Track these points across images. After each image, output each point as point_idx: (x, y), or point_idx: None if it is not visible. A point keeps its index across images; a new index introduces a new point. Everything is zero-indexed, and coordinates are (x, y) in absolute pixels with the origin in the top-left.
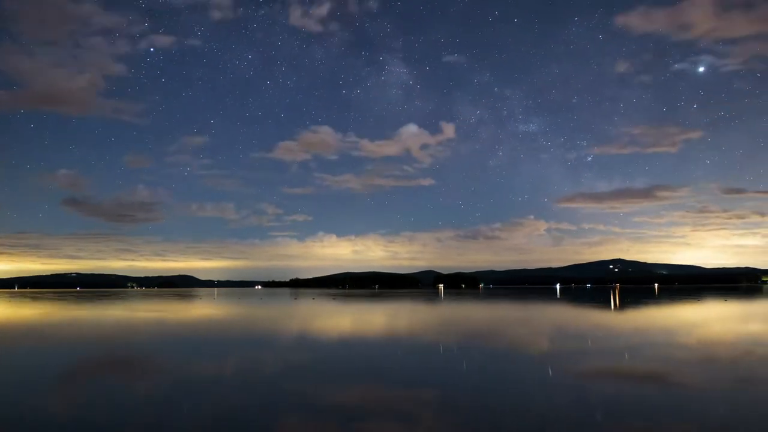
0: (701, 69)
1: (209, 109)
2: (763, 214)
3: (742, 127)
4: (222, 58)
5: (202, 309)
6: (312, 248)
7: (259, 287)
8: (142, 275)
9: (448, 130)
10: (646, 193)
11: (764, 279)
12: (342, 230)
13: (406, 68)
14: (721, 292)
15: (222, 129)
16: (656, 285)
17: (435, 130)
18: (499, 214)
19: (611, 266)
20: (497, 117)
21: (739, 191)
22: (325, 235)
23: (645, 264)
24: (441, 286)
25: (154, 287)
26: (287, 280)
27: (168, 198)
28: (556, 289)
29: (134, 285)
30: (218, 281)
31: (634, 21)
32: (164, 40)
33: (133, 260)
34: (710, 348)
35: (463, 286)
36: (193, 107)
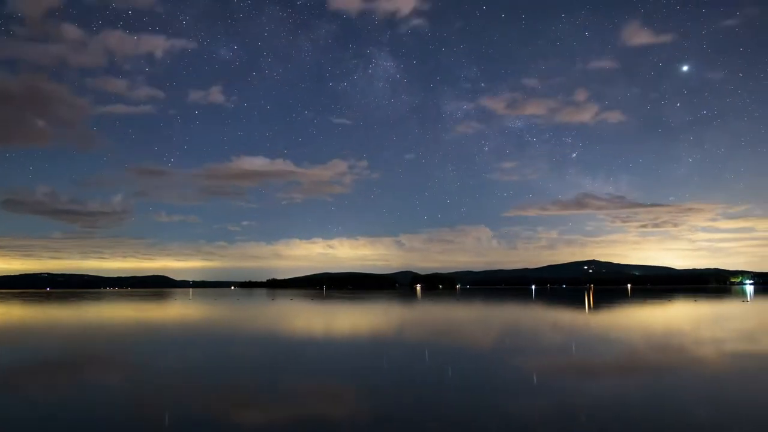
0: (685, 68)
1: None
2: (729, 218)
3: (724, 127)
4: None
5: (175, 309)
6: (289, 248)
7: (234, 287)
8: (116, 276)
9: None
10: (620, 196)
11: (732, 280)
12: (321, 229)
13: (394, 62)
14: (691, 293)
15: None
16: (629, 286)
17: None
18: (480, 214)
19: (586, 267)
20: (483, 112)
21: (713, 193)
22: (303, 234)
23: (618, 265)
24: (418, 286)
25: (127, 287)
26: (264, 280)
27: (143, 198)
28: (531, 290)
29: (110, 287)
30: (193, 281)
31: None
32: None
33: (105, 260)
34: (674, 347)
35: (440, 286)
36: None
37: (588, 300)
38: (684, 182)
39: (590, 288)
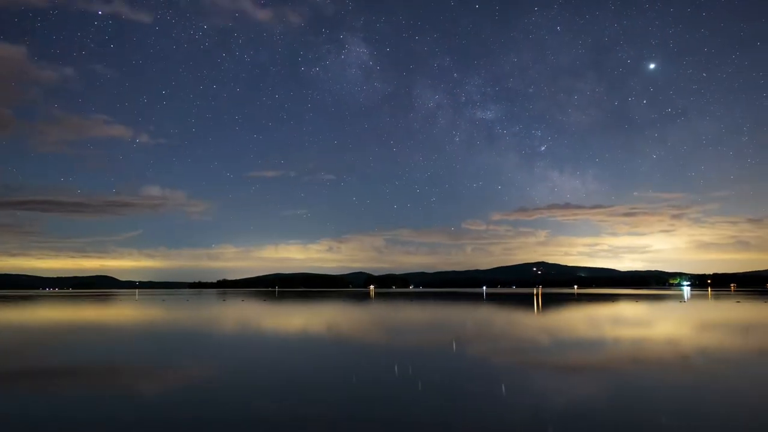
0: (652, 66)
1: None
2: (674, 219)
3: (687, 125)
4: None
5: (117, 311)
6: (242, 248)
7: (164, 297)
8: (55, 276)
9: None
10: (569, 202)
11: (671, 281)
12: (272, 229)
13: (367, 48)
14: (632, 294)
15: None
16: (575, 287)
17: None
18: (447, 207)
19: (535, 269)
20: (455, 102)
21: (665, 194)
22: (255, 234)
23: (566, 267)
24: (371, 287)
25: (68, 288)
26: (215, 281)
27: (89, 185)
28: (482, 291)
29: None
30: (140, 282)
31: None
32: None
33: (44, 258)
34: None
35: (394, 287)
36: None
37: (536, 301)
38: (648, 177)
39: (539, 289)
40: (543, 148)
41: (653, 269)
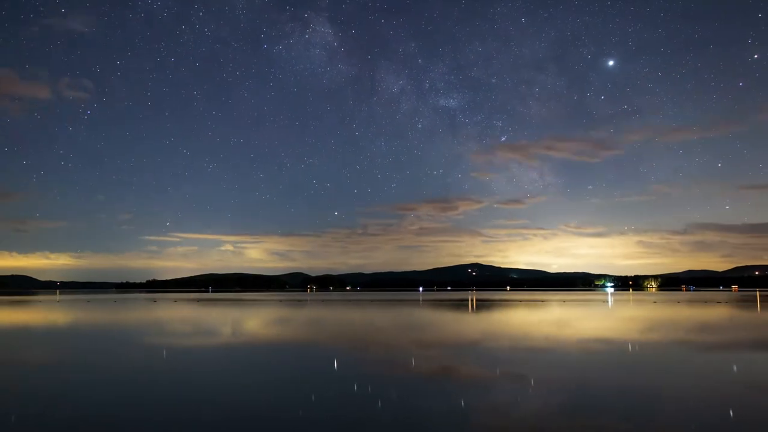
0: (611, 63)
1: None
2: (599, 224)
3: (641, 122)
4: None
5: (32, 315)
6: (172, 246)
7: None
8: None
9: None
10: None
11: (596, 283)
12: (207, 226)
13: (332, 29)
14: (561, 295)
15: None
16: (508, 287)
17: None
18: (378, 214)
19: (470, 270)
20: (419, 89)
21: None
22: (186, 231)
23: (499, 268)
24: (309, 287)
25: None
26: (144, 281)
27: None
28: (419, 291)
29: None
30: (61, 283)
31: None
32: None
33: None
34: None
35: (331, 288)
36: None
37: (471, 302)
38: (602, 173)
39: (473, 290)
40: (503, 139)
41: (581, 271)
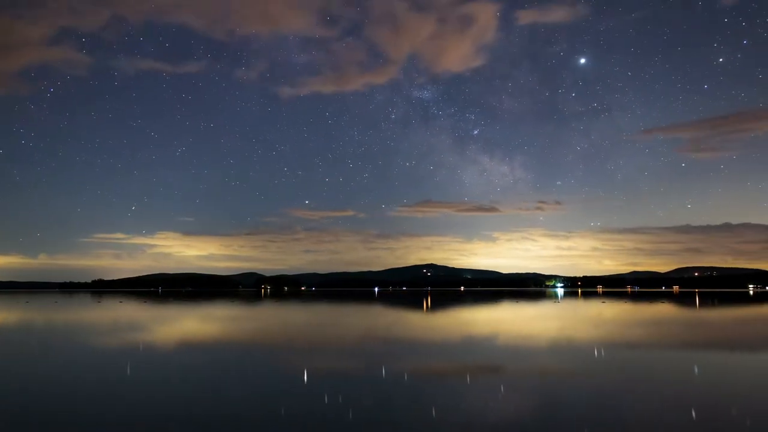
0: (582, 61)
1: None
2: (537, 226)
3: (610, 120)
4: None
5: None
6: (121, 243)
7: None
8: None
9: None
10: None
11: (547, 283)
12: (158, 224)
13: None
14: (513, 295)
15: None
16: (462, 288)
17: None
18: (335, 211)
19: (425, 270)
20: (392, 80)
21: (585, 187)
22: (137, 228)
23: (453, 269)
24: (263, 288)
25: None
26: (89, 281)
27: None
28: (374, 291)
29: None
30: None
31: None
32: None
33: None
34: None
35: (286, 288)
36: None
37: (426, 302)
38: (570, 169)
39: (428, 291)
40: (476, 132)
41: (531, 271)
